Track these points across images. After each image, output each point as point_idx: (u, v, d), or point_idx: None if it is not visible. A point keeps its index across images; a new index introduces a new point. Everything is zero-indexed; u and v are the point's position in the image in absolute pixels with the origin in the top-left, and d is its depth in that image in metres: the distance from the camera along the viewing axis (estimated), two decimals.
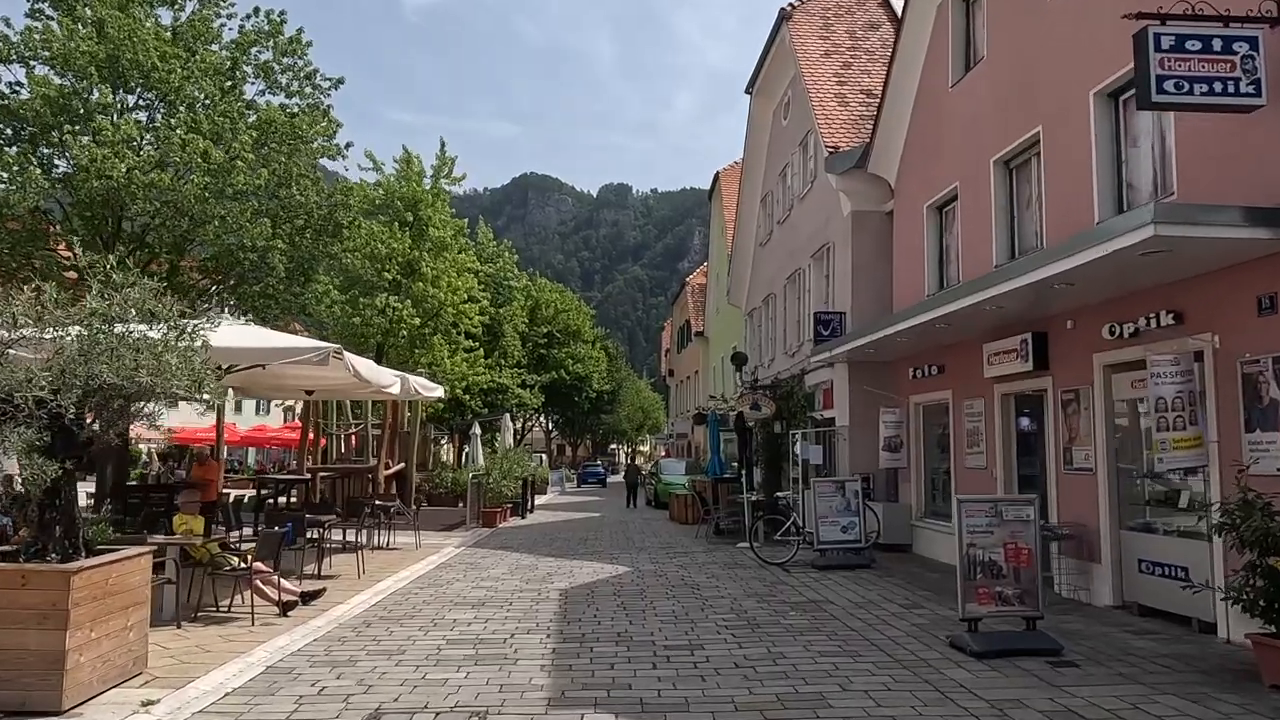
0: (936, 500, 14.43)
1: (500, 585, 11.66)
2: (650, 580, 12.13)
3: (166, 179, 15.37)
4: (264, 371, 12.79)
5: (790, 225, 21.80)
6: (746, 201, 27.47)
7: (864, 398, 15.73)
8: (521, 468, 25.22)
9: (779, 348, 22.70)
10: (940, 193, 13.95)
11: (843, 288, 16.97)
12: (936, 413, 14.29)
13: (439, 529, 20.35)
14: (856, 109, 18.37)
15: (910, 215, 15.07)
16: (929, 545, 14.16)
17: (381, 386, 12.05)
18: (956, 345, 12.96)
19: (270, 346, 9.76)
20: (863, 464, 15.78)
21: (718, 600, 10.34)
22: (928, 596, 10.42)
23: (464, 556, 15.10)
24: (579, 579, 12.28)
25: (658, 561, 14.33)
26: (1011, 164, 12.06)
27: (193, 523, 9.65)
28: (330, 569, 12.81)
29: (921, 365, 14.20)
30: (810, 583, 11.65)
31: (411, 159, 31.60)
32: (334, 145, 18.72)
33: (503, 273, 44.57)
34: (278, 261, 16.77)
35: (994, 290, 9.50)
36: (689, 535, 18.99)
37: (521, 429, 57.42)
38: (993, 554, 7.65)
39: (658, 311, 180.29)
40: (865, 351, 14.44)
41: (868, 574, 12.37)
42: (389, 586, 11.50)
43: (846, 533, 13.12)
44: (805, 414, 18.94)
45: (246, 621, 8.89)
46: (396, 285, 29.79)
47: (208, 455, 14.62)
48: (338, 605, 9.99)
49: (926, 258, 14.33)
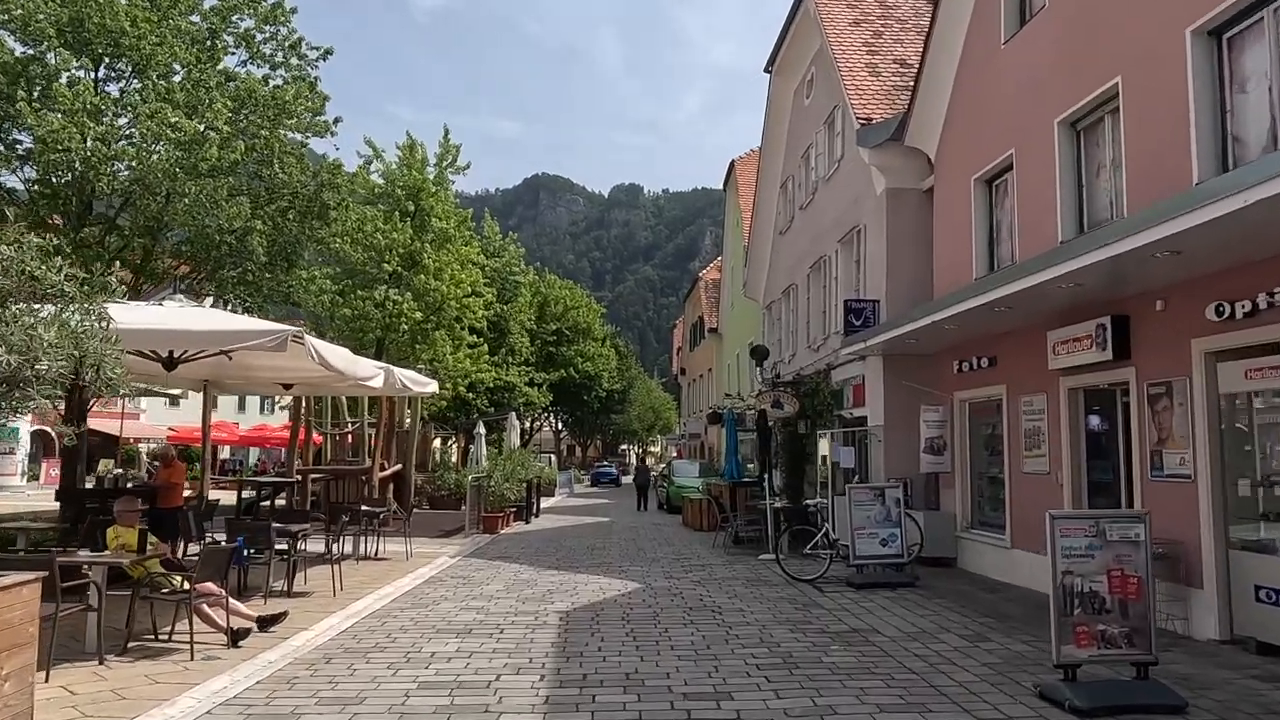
0: (985, 509, 12.88)
1: (493, 606, 10.19)
2: (664, 600, 10.64)
3: (132, 152, 13.99)
4: (231, 362, 11.43)
5: (814, 210, 20.28)
6: (765, 188, 25.94)
7: (901, 394, 14.20)
8: (526, 469, 23.72)
9: (801, 342, 21.18)
10: (991, 164, 12.41)
11: (875, 273, 15.44)
12: (986, 410, 12.75)
13: (436, 535, 18.94)
14: (889, 79, 16.85)
15: (954, 191, 13.53)
16: (977, 559, 12.62)
17: (360, 379, 10.61)
18: (1013, 334, 11.42)
19: (218, 329, 8.32)
20: (899, 467, 14.26)
21: (743, 628, 8.84)
22: (990, 625, 8.89)
23: (458, 569, 13.65)
24: (583, 598, 10.80)
25: (672, 576, 12.84)
26: (1080, 124, 10.51)
27: (127, 535, 8.21)
28: (305, 584, 11.40)
29: (969, 357, 12.65)
30: (848, 605, 10.13)
31: (415, 146, 30.22)
32: (321, 121, 17.33)
33: (509, 267, 43.21)
34: (257, 245, 15.37)
35: (1073, 264, 7.96)
36: (704, 544, 17.48)
37: (529, 429, 56.01)
38: (1094, 583, 6.12)
39: (669, 312, 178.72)
40: (905, 343, 12.91)
41: (912, 594, 10.84)
42: (366, 607, 10.05)
43: (886, 546, 11.60)
44: (831, 413, 17.42)
45: (186, 655, 7.46)
46: (397, 278, 28.44)
47: (173, 455, 13.22)
48: (301, 632, 8.54)
49: (975, 236, 12.79)
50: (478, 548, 16.72)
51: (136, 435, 50.99)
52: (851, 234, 16.88)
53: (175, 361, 9.71)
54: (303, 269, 17.75)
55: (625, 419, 70.65)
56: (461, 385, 31.18)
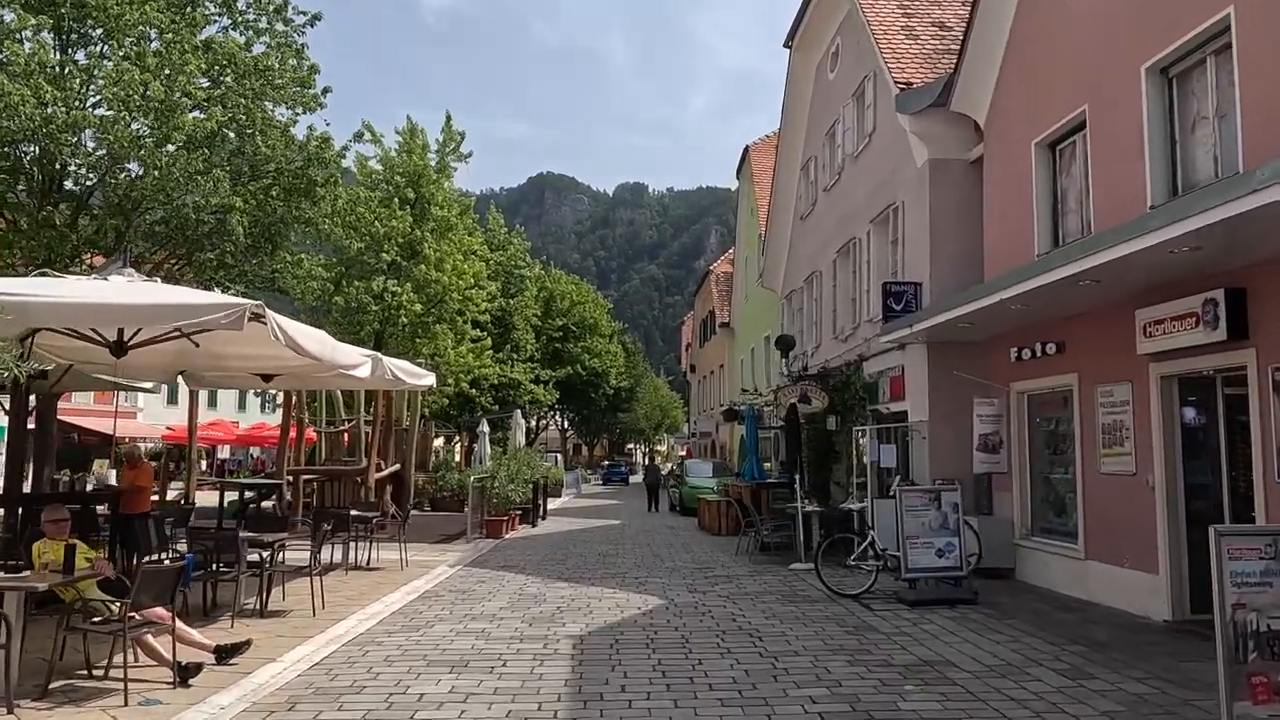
0: (1049, 514, 11.45)
1: (495, 629, 8.80)
2: (691, 620, 9.25)
3: (95, 119, 12.64)
4: (198, 349, 10.06)
5: (840, 191, 18.85)
6: (784, 172, 24.50)
7: (949, 386, 12.79)
8: (532, 469, 22.31)
9: (826, 332, 19.75)
10: (1056, 125, 10.98)
11: (917, 253, 14.02)
12: (1051, 403, 11.32)
13: (436, 540, 17.60)
14: (928, 42, 15.42)
15: (1010, 158, 12.09)
16: (1040, 571, 11.20)
17: (342, 367, 9.23)
18: (1088, 315, 10.00)
19: (160, 303, 6.94)
20: (945, 467, 12.84)
21: (791, 659, 7.44)
22: (1085, 656, 7.47)
23: (457, 580, 12.28)
24: (598, 618, 9.41)
25: (696, 589, 11.45)
26: (1173, 71, 9.08)
27: (53, 551, 6.84)
28: (284, 600, 10.06)
29: (1030, 344, 11.22)
30: (907, 628, 8.72)
31: (416, 131, 28.87)
32: (309, 94, 15.95)
33: (513, 260, 41.82)
34: (237, 225, 14.00)
35: (1189, 224, 6.55)
36: (726, 550, 16.09)
37: (535, 428, 54.67)
38: (1273, 620, 4.72)
39: (674, 310, 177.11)
40: (957, 328, 11.50)
41: (977, 614, 9.42)
42: (348, 630, 8.67)
43: (943, 557, 10.18)
44: (864, 408, 16.00)
45: (119, 698, 6.10)
46: (396, 268, 27.08)
47: (139, 456, 11.87)
48: (266, 665, 7.18)
49: (1036, 207, 11.35)
50: (480, 555, 15.35)
51: (133, 435, 49.79)
52: (887, 212, 15.45)
53: (124, 346, 8.34)
54: (288, 252, 16.31)
55: (632, 417, 69.20)
56: (464, 381, 29.80)
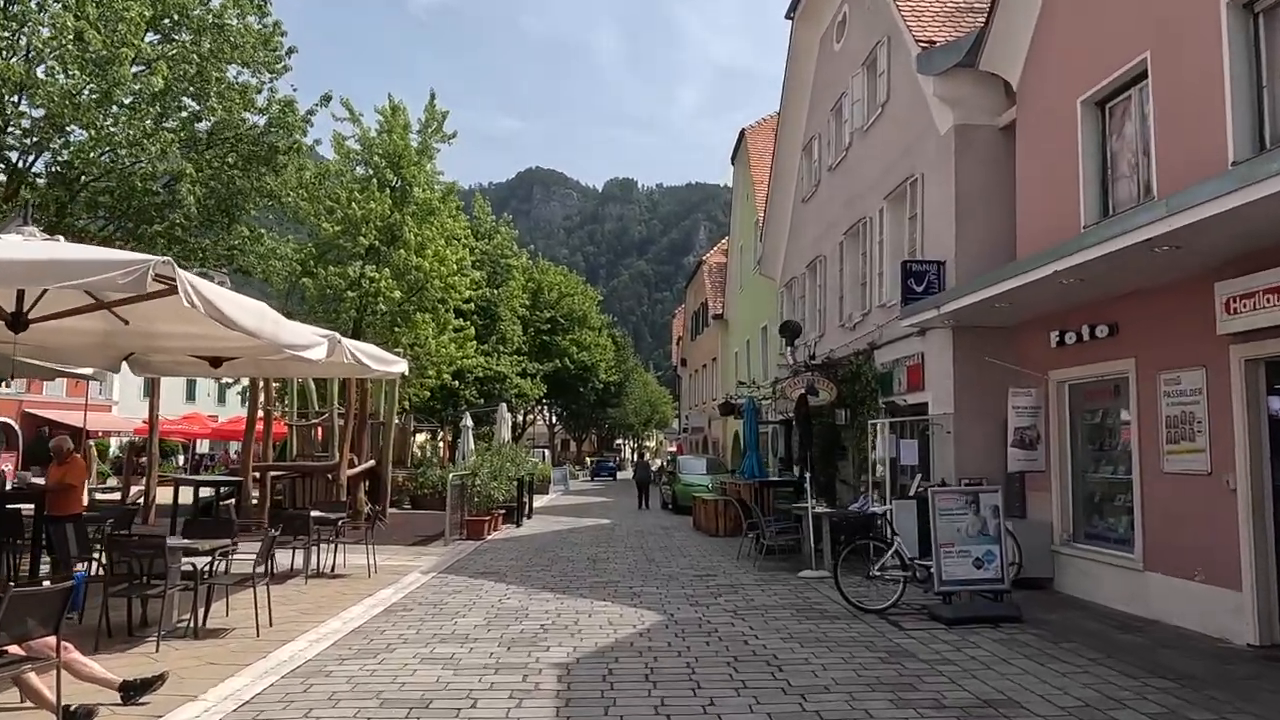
0: (1094, 518, 10.21)
1: (466, 655, 7.48)
2: (696, 642, 7.95)
3: (21, 70, 11.22)
4: (127, 327, 8.72)
5: (848, 168, 17.58)
6: (784, 154, 23.21)
7: (977, 375, 11.55)
8: (516, 465, 20.95)
9: (831, 320, 18.50)
10: (1108, 79, 9.71)
11: (939, 229, 12.76)
12: (1098, 393, 10.08)
13: (412, 542, 16.29)
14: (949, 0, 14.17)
15: (1050, 120, 10.82)
16: (1084, 582, 9.95)
17: (288, 347, 7.86)
18: (1148, 292, 8.76)
19: (42, 259, 5.57)
20: (972, 465, 11.62)
21: (822, 698, 6.14)
22: (1175, 692, 6.21)
23: (429, 590, 10.95)
24: (587, 639, 8.11)
25: (697, 601, 10.16)
26: (1259, 4, 7.83)
27: None
28: (227, 617, 8.77)
29: (1074, 326, 9.97)
30: (950, 653, 7.45)
31: (397, 109, 27.40)
32: (273, 55, 14.55)
33: (499, 249, 40.41)
34: (188, 194, 12.60)
35: None
36: (725, 554, 14.82)
37: (522, 422, 53.29)
38: None
39: (663, 307, 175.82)
40: (993, 309, 10.23)
41: (1025, 635, 8.17)
42: (292, 657, 7.34)
43: (982, 568, 8.92)
44: (876, 399, 14.76)
45: None
46: (375, 253, 25.67)
47: (68, 450, 10.46)
48: (184, 706, 5.87)
49: (1083, 173, 10.08)
50: (458, 559, 14.02)
51: (106, 429, 48.14)
52: (904, 187, 14.17)
53: (23, 319, 6.97)
54: (248, 227, 14.88)
55: (622, 412, 67.91)
56: (446, 372, 28.41)
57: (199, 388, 56.94)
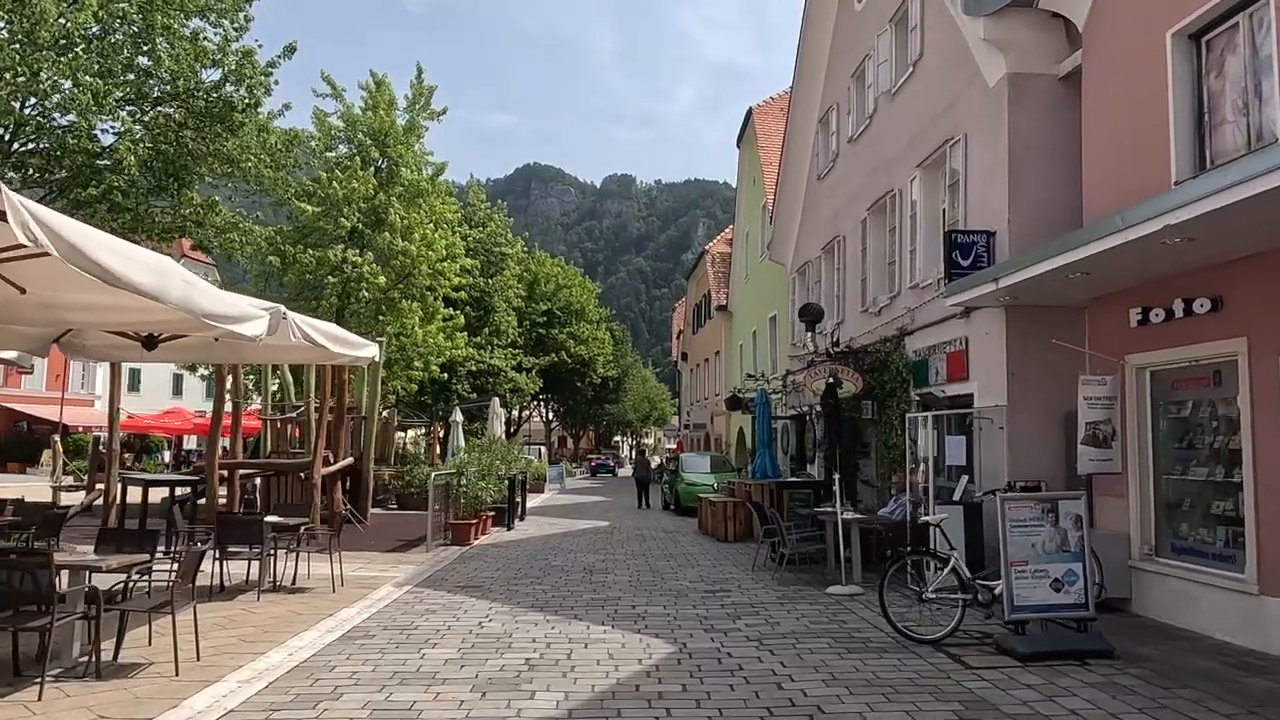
0: (1186, 528, 8.63)
1: (430, 703, 5.90)
2: (716, 685, 6.38)
3: None
4: (27, 298, 7.12)
5: (873, 137, 15.99)
6: (798, 129, 21.62)
7: (1036, 361, 10.00)
8: (507, 463, 19.33)
9: (851, 306, 16.92)
10: (1207, 4, 8.13)
11: (987, 195, 11.17)
12: (1190, 381, 8.51)
13: (391, 547, 14.75)
14: None
15: (1130, 60, 9.21)
16: (1174, 605, 8.38)
17: (206, 316, 6.25)
18: (1264, 259, 7.20)
19: None
20: (1029, 466, 10.07)
21: None
22: None
23: (399, 609, 9.36)
24: (582, 680, 6.53)
25: (714, 626, 8.58)
26: None
27: None
28: (149, 646, 7.21)
29: (1163, 302, 8.40)
30: (1039, 703, 5.88)
31: (381, 84, 25.81)
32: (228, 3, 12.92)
33: (493, 238, 38.82)
34: (127, 154, 10.99)
35: None
36: (739, 563, 13.25)
37: (516, 418, 51.67)
38: None
39: (661, 303, 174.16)
40: (1065, 280, 8.65)
41: (1126, 676, 6.59)
42: (210, 707, 5.76)
43: (1062, 591, 7.35)
44: (907, 391, 13.21)
45: None
46: (358, 236, 24.08)
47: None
48: None
49: (1173, 119, 8.49)
50: (439, 569, 12.44)
51: (87, 423, 46.50)
52: (942, 150, 12.59)
53: None
54: (199, 195, 13.23)
55: (620, 408, 66.33)
56: (435, 365, 26.82)
57: (186, 382, 55.21)
